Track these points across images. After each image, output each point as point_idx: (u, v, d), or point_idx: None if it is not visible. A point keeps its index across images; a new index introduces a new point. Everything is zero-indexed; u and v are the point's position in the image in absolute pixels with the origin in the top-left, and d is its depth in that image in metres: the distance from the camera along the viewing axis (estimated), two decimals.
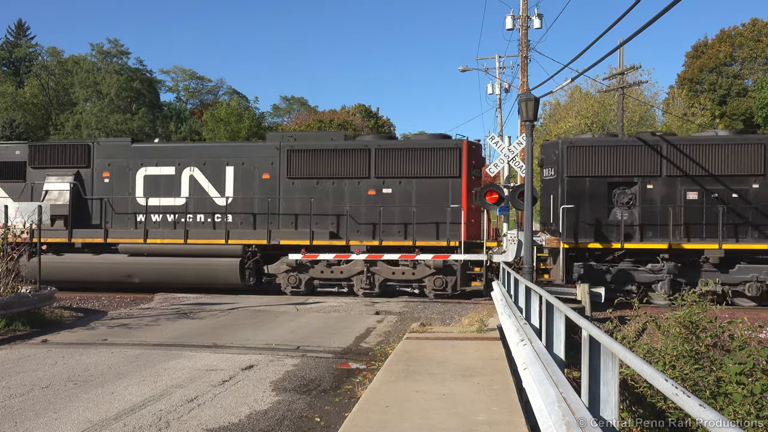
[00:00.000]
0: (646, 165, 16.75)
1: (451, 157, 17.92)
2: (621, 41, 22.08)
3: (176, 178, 19.10)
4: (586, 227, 16.94)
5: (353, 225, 18.18)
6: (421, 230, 17.70)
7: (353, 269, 18.21)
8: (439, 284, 17.70)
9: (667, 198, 16.74)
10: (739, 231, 16.41)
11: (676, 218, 16.52)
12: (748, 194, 16.37)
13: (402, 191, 18.05)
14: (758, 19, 54.08)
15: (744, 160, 16.46)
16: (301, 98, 78.81)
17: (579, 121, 38.03)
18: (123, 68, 59.25)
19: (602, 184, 16.95)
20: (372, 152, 18.25)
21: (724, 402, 7.54)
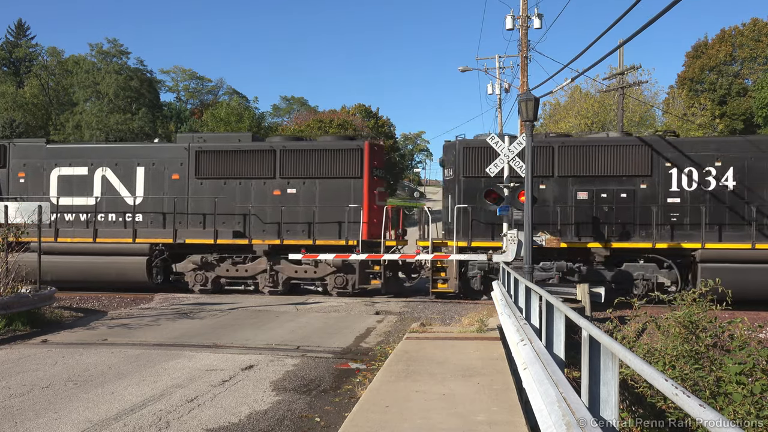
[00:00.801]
0: (539, 166, 17.02)
1: (353, 158, 18.47)
2: (621, 41, 22.08)
3: (89, 178, 19.58)
4: (482, 227, 17.45)
5: (258, 224, 18.68)
6: (324, 229, 18.25)
7: (257, 267, 18.71)
8: (339, 282, 18.27)
9: (560, 198, 17.27)
10: (626, 230, 16.88)
11: (567, 217, 17.06)
12: (635, 194, 16.85)
13: (306, 191, 18.61)
14: (758, 19, 54.10)
15: (632, 162, 16.94)
16: (301, 98, 79.04)
17: (579, 121, 38.05)
18: (123, 68, 59.28)
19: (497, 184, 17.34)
20: (277, 153, 18.78)
21: (724, 402, 7.54)
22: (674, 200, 16.78)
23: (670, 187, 16.82)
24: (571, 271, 16.91)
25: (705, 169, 16.65)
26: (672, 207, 16.75)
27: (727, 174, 16.50)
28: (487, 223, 17.43)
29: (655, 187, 16.86)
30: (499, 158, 15.97)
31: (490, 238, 17.32)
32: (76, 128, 52.74)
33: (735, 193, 16.50)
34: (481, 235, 17.45)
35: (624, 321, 12.03)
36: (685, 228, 16.69)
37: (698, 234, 16.36)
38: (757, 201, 16.32)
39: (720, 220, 16.53)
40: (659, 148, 16.93)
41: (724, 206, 16.53)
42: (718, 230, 16.52)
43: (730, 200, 16.51)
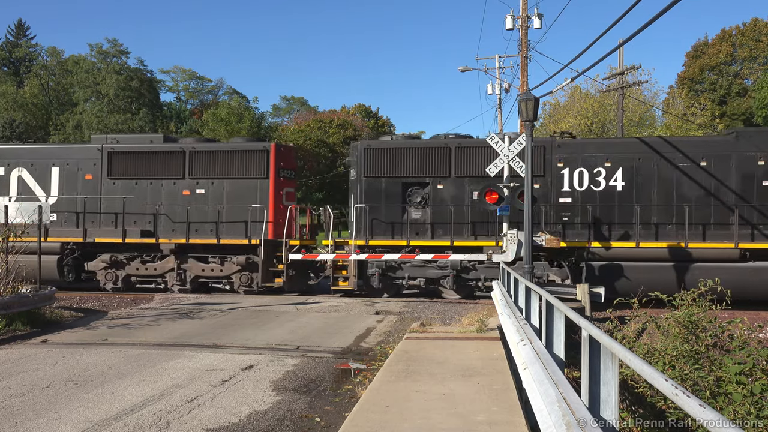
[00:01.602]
0: (437, 166, 17.77)
1: (260, 160, 19.08)
2: (621, 41, 22.08)
3: (5, 178, 20.10)
4: (383, 226, 18.01)
5: (168, 224, 19.28)
6: (230, 228, 18.77)
7: (166, 266, 19.25)
8: (245, 280, 18.78)
9: (456, 198, 17.77)
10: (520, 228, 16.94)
11: (461, 217, 17.61)
12: None
13: (214, 191, 19.19)
14: (758, 19, 54.07)
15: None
16: (301, 98, 78.82)
17: (579, 121, 38.03)
18: (123, 68, 59.25)
19: (397, 184, 18.03)
20: (187, 154, 19.37)
21: (724, 402, 7.54)
22: (566, 200, 17.29)
23: (562, 187, 17.34)
24: (466, 269, 17.55)
25: (595, 170, 17.19)
26: (563, 206, 17.26)
27: (616, 175, 16.99)
28: (387, 222, 17.99)
29: (547, 186, 17.34)
30: (499, 158, 15.97)
31: (390, 237, 17.90)
32: (76, 128, 52.71)
33: (623, 193, 16.97)
34: (381, 233, 17.98)
35: (624, 321, 12.04)
36: (576, 227, 17.14)
37: (588, 232, 16.88)
38: (644, 201, 16.84)
39: (609, 220, 17.03)
40: (552, 149, 17.48)
41: (614, 206, 17.00)
42: (608, 229, 17.04)
43: (619, 200, 16.98)
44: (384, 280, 17.90)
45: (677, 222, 16.56)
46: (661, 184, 16.92)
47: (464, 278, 17.63)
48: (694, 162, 16.81)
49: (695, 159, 16.81)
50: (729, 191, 16.64)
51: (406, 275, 17.89)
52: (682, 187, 16.85)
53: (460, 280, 17.67)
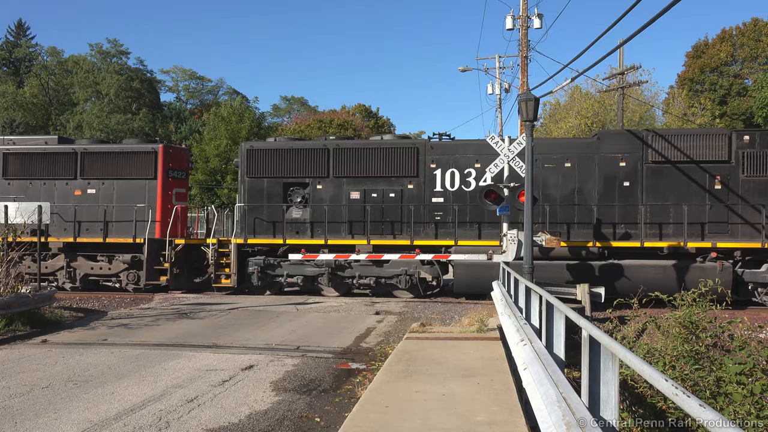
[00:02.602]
0: (317, 167, 18.44)
1: (148, 161, 19.59)
2: (621, 41, 22.08)
3: None
4: (264, 224, 18.59)
5: (60, 223, 19.73)
6: (119, 228, 19.21)
7: (56, 264, 19.70)
8: (132, 278, 19.24)
9: (335, 197, 18.39)
10: (395, 228, 17.99)
11: (339, 216, 18.24)
12: (403, 194, 17.95)
13: (105, 191, 19.72)
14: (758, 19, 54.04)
15: (401, 163, 18.04)
16: (301, 98, 78.81)
17: (579, 121, 38.02)
18: (123, 68, 59.23)
19: (278, 184, 18.63)
20: (79, 155, 19.89)
21: (724, 402, 7.53)
22: (438, 200, 17.87)
23: (434, 188, 17.91)
24: (341, 267, 18.16)
25: (466, 171, 17.78)
26: (436, 206, 17.84)
27: (485, 175, 17.25)
28: (269, 221, 18.54)
29: (421, 187, 17.94)
30: (499, 158, 15.97)
31: (272, 236, 18.43)
32: (77, 128, 52.71)
33: None
34: (263, 232, 18.54)
35: (624, 321, 12.03)
36: (447, 226, 17.66)
37: (461, 231, 17.52)
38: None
39: (479, 219, 17.55)
40: (425, 151, 18.03)
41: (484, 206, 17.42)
42: (477, 228, 17.61)
43: None
44: (264, 278, 18.47)
45: (541, 221, 17.05)
46: None
47: (340, 276, 18.20)
48: (559, 163, 17.43)
49: (561, 160, 17.42)
50: (592, 191, 17.27)
51: (285, 273, 18.42)
52: (549, 188, 17.42)
53: (336, 278, 18.22)
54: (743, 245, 16.41)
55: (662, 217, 16.92)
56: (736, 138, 16.88)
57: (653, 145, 17.05)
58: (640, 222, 16.79)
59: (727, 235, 16.63)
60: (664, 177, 16.95)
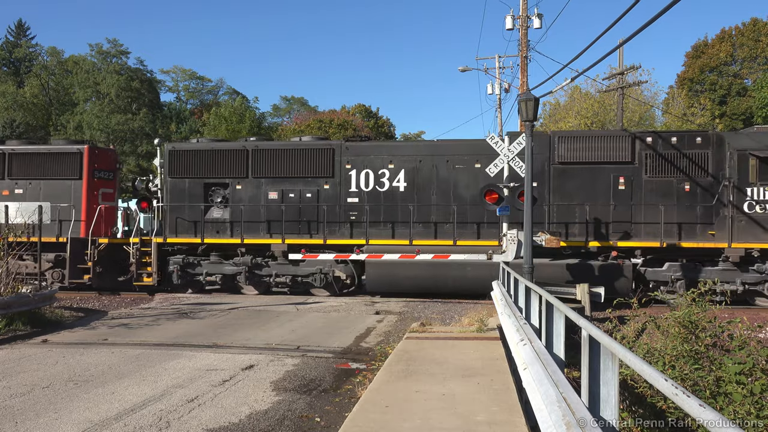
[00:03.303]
0: (236, 168, 18.79)
1: (73, 161, 19.75)
2: (621, 41, 22.09)
3: None
4: (186, 224, 18.93)
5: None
6: (46, 227, 19.11)
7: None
8: (57, 276, 19.52)
9: (254, 198, 18.73)
10: (311, 227, 18.37)
11: (258, 216, 18.60)
12: (319, 194, 18.34)
13: (32, 191, 19.80)
14: (758, 19, 54.05)
15: (317, 164, 18.41)
16: (301, 98, 78.78)
17: (579, 121, 38.02)
18: (123, 68, 59.23)
19: (199, 184, 18.97)
20: (6, 156, 20.04)
21: (724, 402, 7.54)
22: (353, 200, 18.20)
23: (349, 188, 18.25)
24: (258, 265, 18.53)
25: (380, 171, 18.12)
26: (351, 206, 18.18)
27: (399, 176, 17.91)
28: (190, 221, 18.88)
29: (337, 187, 18.29)
30: (499, 158, 15.97)
31: (193, 235, 18.77)
32: (77, 128, 52.70)
33: (405, 194, 17.91)
34: (184, 231, 18.88)
35: (623, 321, 12.04)
36: (362, 225, 17.95)
37: (373, 231, 17.89)
38: (424, 201, 17.81)
39: (393, 218, 17.94)
40: (341, 152, 18.36)
41: (397, 205, 17.88)
42: (391, 228, 17.95)
43: (402, 200, 17.88)
44: (184, 276, 18.79)
45: (452, 221, 17.45)
46: (440, 184, 17.88)
47: (258, 274, 18.55)
48: (469, 164, 17.76)
49: (470, 161, 17.73)
50: None
51: (204, 271, 18.68)
52: (459, 188, 17.80)
53: (254, 276, 18.55)
54: (643, 244, 16.75)
55: (568, 217, 17.24)
56: (639, 139, 17.22)
57: (560, 146, 17.37)
58: (545, 221, 17.16)
59: (630, 234, 16.97)
60: (570, 177, 17.23)
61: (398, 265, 17.27)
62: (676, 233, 16.77)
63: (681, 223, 16.77)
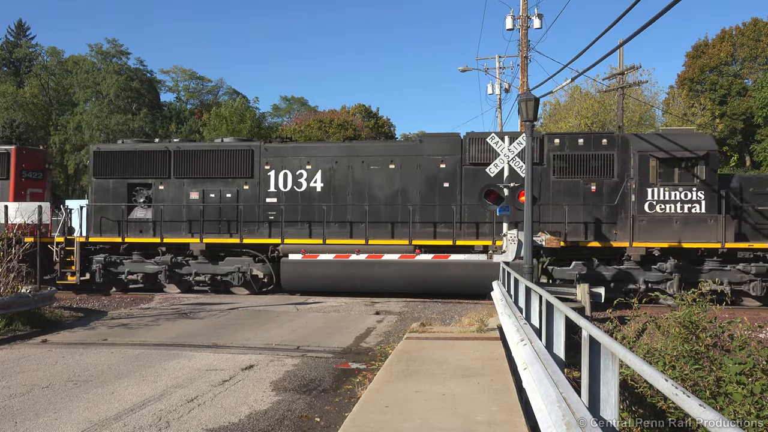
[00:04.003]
0: (159, 168, 19.23)
1: (1, 162, 20.13)
2: (621, 41, 22.08)
3: None
4: (110, 224, 19.36)
5: None
6: None
7: None
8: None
9: (176, 198, 19.16)
10: (231, 227, 18.73)
11: (180, 215, 19.02)
12: (239, 194, 18.75)
13: None
14: (758, 19, 54.03)
15: (238, 165, 18.85)
16: (301, 98, 78.85)
17: (579, 121, 38.00)
18: (123, 68, 59.22)
19: (123, 185, 19.40)
20: None
21: (724, 402, 7.53)
22: (272, 200, 18.65)
23: (268, 188, 18.71)
24: (178, 264, 18.93)
25: (298, 172, 18.60)
26: (270, 206, 18.60)
27: (316, 176, 18.40)
28: (114, 220, 19.30)
29: (256, 187, 18.73)
30: (499, 158, 15.98)
31: (117, 234, 19.14)
32: (77, 129, 52.70)
33: (322, 194, 18.40)
34: (109, 231, 19.29)
35: (624, 321, 12.03)
36: (279, 225, 18.35)
37: (290, 230, 18.34)
38: (340, 201, 18.29)
39: (310, 218, 18.37)
40: (260, 153, 18.83)
41: (314, 205, 18.32)
42: (308, 227, 18.39)
43: (319, 200, 18.36)
44: (107, 275, 19.06)
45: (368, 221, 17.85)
46: (355, 185, 18.33)
47: (179, 273, 18.86)
48: (384, 165, 18.24)
49: (385, 162, 18.23)
50: (415, 192, 18.03)
51: (126, 270, 18.94)
52: (374, 188, 18.25)
53: (175, 275, 18.89)
54: None
55: (479, 217, 17.64)
56: (548, 141, 17.54)
57: (470, 147, 17.74)
58: (456, 221, 17.61)
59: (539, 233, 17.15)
60: (480, 178, 17.37)
61: (310, 264, 17.82)
62: (582, 232, 17.22)
63: (587, 222, 17.24)
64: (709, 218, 16.49)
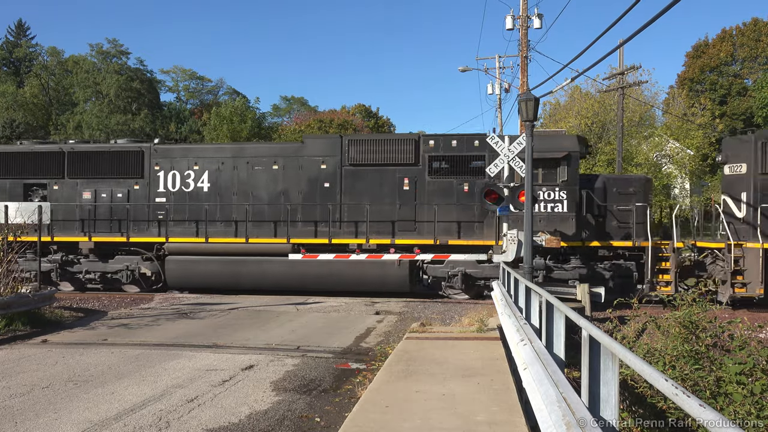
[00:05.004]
0: (53, 169, 19.60)
1: None
2: (621, 41, 22.08)
3: None
4: None
5: None
6: None
7: None
8: None
9: (70, 197, 19.46)
10: (121, 226, 19.09)
11: (73, 215, 19.27)
12: (130, 194, 19.19)
13: None
14: (758, 19, 54.05)
15: (128, 165, 19.30)
16: (301, 98, 78.76)
17: (579, 121, 37.96)
18: (123, 68, 59.22)
19: (19, 185, 19.75)
20: None
21: (724, 402, 7.54)
22: (161, 200, 19.07)
23: (158, 188, 19.12)
24: (70, 262, 19.16)
25: (186, 173, 19.00)
26: (159, 206, 19.03)
27: (203, 177, 18.81)
28: None
29: (146, 187, 19.16)
30: (499, 158, 15.98)
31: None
32: (76, 129, 52.69)
33: (209, 194, 18.80)
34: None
35: (624, 321, 12.03)
36: (169, 224, 18.76)
37: (180, 229, 18.70)
38: (226, 201, 18.71)
39: (198, 217, 18.62)
40: (151, 154, 19.25)
41: (201, 205, 18.63)
42: (195, 226, 18.77)
43: (206, 200, 18.77)
44: (64, 274, 19.31)
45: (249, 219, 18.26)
46: (241, 185, 18.70)
47: (71, 271, 19.21)
48: (268, 165, 18.67)
49: (269, 163, 18.66)
50: (297, 192, 18.43)
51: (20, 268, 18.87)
52: (259, 188, 18.64)
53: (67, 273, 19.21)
54: (419, 242, 17.60)
55: (358, 216, 17.95)
56: (423, 142, 17.86)
57: (350, 149, 18.15)
58: (335, 220, 18.04)
59: (414, 233, 17.78)
60: (360, 179, 18.02)
61: (193, 262, 18.37)
62: (455, 231, 17.57)
63: (460, 221, 17.59)
64: (570, 217, 16.89)
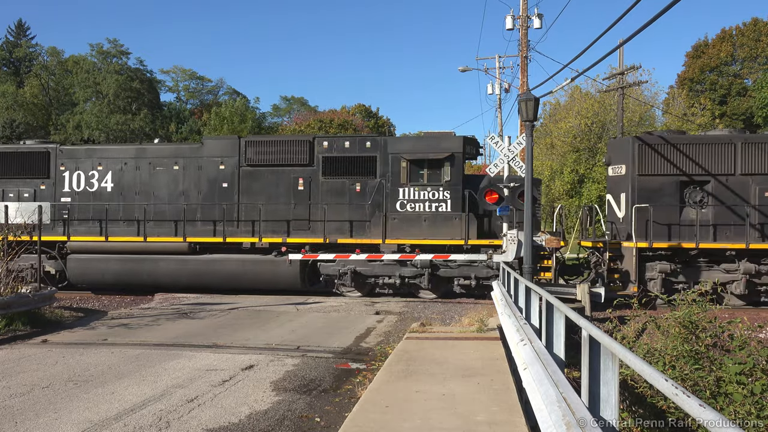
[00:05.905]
0: None
1: None
2: (621, 41, 22.08)
3: None
4: None
5: None
6: None
7: None
8: None
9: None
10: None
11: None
12: (36, 194, 19.33)
13: None
14: (758, 19, 54.04)
15: (36, 165, 19.44)
16: (301, 98, 78.81)
17: (579, 121, 37.96)
18: (123, 68, 59.21)
19: None
20: None
21: (724, 402, 7.54)
22: (66, 199, 19.25)
23: (63, 188, 19.39)
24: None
25: (90, 173, 19.29)
26: (64, 205, 19.19)
27: (107, 177, 19.15)
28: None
29: (52, 187, 19.43)
30: (499, 158, 15.99)
31: None
32: (76, 128, 52.69)
33: (112, 194, 19.18)
34: None
35: (624, 321, 12.04)
36: (74, 223, 19.10)
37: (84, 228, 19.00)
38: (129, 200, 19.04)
39: (101, 217, 18.92)
40: (56, 155, 19.52)
41: (104, 204, 18.93)
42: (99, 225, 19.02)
43: (109, 199, 19.10)
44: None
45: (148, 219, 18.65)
46: (143, 185, 19.04)
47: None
48: (169, 166, 18.99)
49: (170, 163, 18.97)
50: (196, 192, 18.75)
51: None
52: (160, 188, 18.97)
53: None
54: (311, 240, 17.95)
55: (255, 216, 18.25)
56: (317, 143, 18.25)
57: (248, 149, 18.46)
58: (233, 219, 18.40)
59: (308, 231, 18.11)
60: (257, 179, 18.38)
61: (93, 260, 18.67)
62: (347, 230, 17.92)
63: (352, 220, 17.93)
64: (454, 216, 17.18)
